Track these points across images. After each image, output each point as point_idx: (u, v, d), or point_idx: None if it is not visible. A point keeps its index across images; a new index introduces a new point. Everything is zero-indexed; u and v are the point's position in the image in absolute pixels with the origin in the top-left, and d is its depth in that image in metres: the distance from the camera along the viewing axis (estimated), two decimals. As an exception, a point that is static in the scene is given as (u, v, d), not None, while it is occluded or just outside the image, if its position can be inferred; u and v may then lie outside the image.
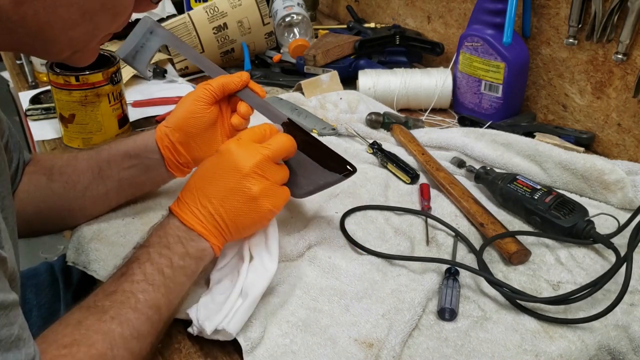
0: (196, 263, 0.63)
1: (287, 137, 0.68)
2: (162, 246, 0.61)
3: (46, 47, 0.52)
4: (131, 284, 0.58)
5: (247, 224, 0.65)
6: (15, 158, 0.74)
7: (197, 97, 0.76)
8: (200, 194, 0.64)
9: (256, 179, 0.63)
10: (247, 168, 0.63)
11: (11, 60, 1.43)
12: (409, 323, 0.64)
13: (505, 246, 0.75)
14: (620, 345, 0.65)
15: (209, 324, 0.60)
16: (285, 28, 1.40)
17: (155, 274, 0.59)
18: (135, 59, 0.79)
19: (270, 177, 0.65)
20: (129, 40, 0.79)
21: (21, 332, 0.46)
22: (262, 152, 0.65)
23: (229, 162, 0.64)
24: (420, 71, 1.18)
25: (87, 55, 0.57)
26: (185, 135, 0.76)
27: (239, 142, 0.66)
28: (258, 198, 0.63)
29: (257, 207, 0.64)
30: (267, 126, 0.69)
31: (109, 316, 0.54)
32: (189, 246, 0.62)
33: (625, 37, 0.91)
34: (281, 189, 0.67)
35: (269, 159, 0.65)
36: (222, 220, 0.63)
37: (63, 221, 0.79)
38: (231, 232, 0.64)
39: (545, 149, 0.89)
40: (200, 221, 0.63)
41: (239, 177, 0.63)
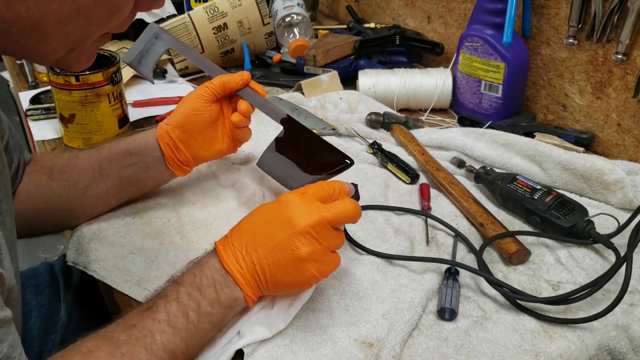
0: (224, 312, 0.60)
1: (353, 204, 0.62)
2: (194, 287, 0.58)
3: (41, 46, 0.52)
4: (152, 322, 0.55)
5: (287, 284, 0.60)
6: (15, 158, 0.75)
7: (198, 95, 0.77)
8: (249, 238, 0.60)
9: (308, 240, 0.59)
10: (302, 226, 0.58)
11: (11, 61, 1.43)
12: (409, 323, 0.64)
13: (505, 246, 0.75)
14: (620, 345, 0.65)
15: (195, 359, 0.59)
16: (285, 28, 1.40)
17: (178, 317, 0.56)
18: (141, 64, 0.81)
19: (324, 241, 0.59)
20: (135, 46, 0.81)
21: (11, 350, 0.45)
22: (323, 214, 0.59)
23: (286, 214, 0.60)
24: (420, 71, 1.18)
25: (83, 56, 0.56)
26: (186, 133, 0.76)
27: (302, 196, 0.61)
28: (305, 261, 0.59)
29: (301, 270, 0.59)
30: (338, 184, 0.64)
31: (120, 352, 0.52)
32: (221, 293, 0.59)
33: (625, 37, 0.91)
34: (332, 257, 0.61)
35: (327, 222, 0.59)
36: (262, 272, 0.59)
37: (63, 221, 0.79)
38: (269, 287, 0.60)
39: (545, 149, 0.89)
40: (240, 268, 0.59)
41: (291, 233, 0.59)
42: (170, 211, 0.83)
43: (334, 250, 0.62)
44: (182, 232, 0.79)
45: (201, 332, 0.58)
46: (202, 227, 0.80)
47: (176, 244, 0.77)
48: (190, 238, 0.78)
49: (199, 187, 0.88)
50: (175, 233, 0.79)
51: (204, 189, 0.88)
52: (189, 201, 0.85)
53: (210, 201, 0.85)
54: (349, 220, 0.62)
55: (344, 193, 0.64)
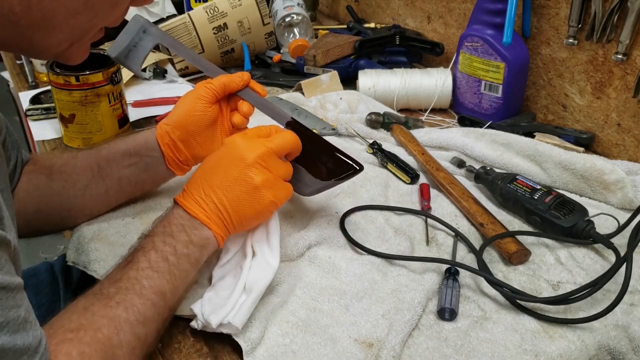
0: (200, 251, 0.63)
1: (292, 134, 0.70)
2: (166, 235, 0.62)
3: (46, 39, 0.52)
4: (136, 271, 0.58)
5: (250, 215, 0.65)
6: (13, 157, 0.74)
7: (198, 95, 0.76)
8: (205, 184, 0.65)
9: (259, 169, 0.65)
10: (251, 159, 0.65)
11: (11, 60, 1.44)
12: (409, 323, 0.64)
13: (505, 246, 0.75)
14: (620, 345, 0.65)
15: (214, 317, 0.61)
16: (285, 28, 1.40)
17: (159, 261, 0.60)
18: (128, 58, 0.78)
19: (273, 170, 0.66)
20: (120, 39, 0.78)
21: (27, 314, 0.47)
22: (267, 145, 0.66)
23: (234, 153, 0.66)
24: (420, 71, 1.18)
25: (81, 50, 0.57)
26: (186, 133, 0.76)
27: (244, 135, 0.68)
28: (260, 188, 0.65)
29: (259, 198, 0.65)
30: (273, 126, 0.72)
31: (115, 302, 0.55)
32: (192, 234, 0.63)
33: (625, 37, 0.91)
34: (284, 184, 0.68)
35: (272, 152, 0.66)
36: (225, 209, 0.64)
37: (63, 221, 0.79)
38: (234, 222, 0.65)
39: (545, 149, 0.89)
40: (203, 210, 0.64)
41: (242, 167, 0.65)
42: (170, 211, 0.83)
43: (285, 180, 0.68)
44: (182, 232, 0.79)
45: (183, 272, 0.62)
46: (202, 227, 0.80)
47: (176, 244, 0.77)
48: (190, 238, 0.78)
49: (199, 187, 0.88)
50: (175, 233, 0.79)
51: (204, 189, 0.88)
52: (189, 201, 0.85)
53: (210, 201, 0.85)
54: (290, 148, 0.69)
55: (280, 131, 0.71)
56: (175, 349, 0.63)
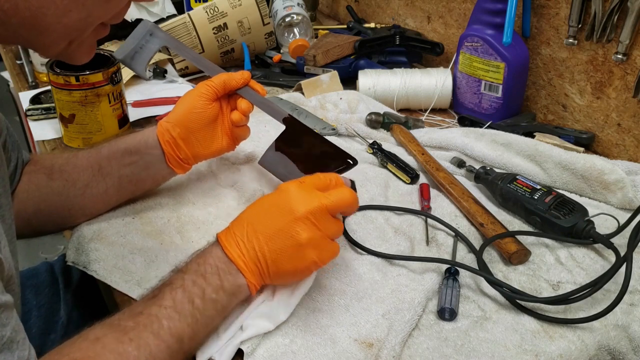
0: (229, 299, 0.61)
1: (350, 193, 0.64)
2: (198, 275, 0.60)
3: (41, 38, 0.52)
4: (158, 309, 0.56)
5: (288, 270, 0.61)
6: (13, 157, 0.75)
7: (199, 93, 0.77)
8: (250, 227, 0.62)
9: (308, 225, 0.60)
10: (301, 212, 0.60)
11: (11, 60, 1.43)
12: (408, 323, 0.64)
13: (505, 246, 0.75)
14: (620, 345, 0.65)
15: (200, 354, 0.60)
16: (285, 28, 1.40)
17: (185, 303, 0.57)
18: (134, 60, 0.80)
19: (322, 228, 0.61)
20: (127, 42, 0.80)
21: (14, 334, 0.46)
22: (321, 201, 0.61)
23: (285, 202, 0.61)
24: (420, 71, 1.18)
25: (83, 47, 0.56)
26: (186, 130, 0.77)
27: (300, 185, 0.63)
28: (305, 246, 0.60)
29: (302, 255, 0.60)
30: (334, 176, 0.66)
31: (128, 338, 0.53)
32: (225, 280, 0.60)
33: (625, 37, 0.91)
34: (331, 244, 0.63)
35: (326, 209, 0.61)
36: (264, 259, 0.61)
37: (63, 220, 0.79)
38: (270, 274, 0.61)
39: (545, 149, 0.89)
40: (242, 255, 0.61)
41: (290, 219, 0.60)
42: (170, 211, 0.83)
43: (333, 239, 0.63)
44: (182, 232, 0.79)
45: (206, 318, 0.59)
46: (202, 227, 0.80)
47: (176, 244, 0.77)
48: (190, 238, 0.78)
49: (199, 187, 0.88)
50: (175, 233, 0.79)
51: (204, 189, 0.88)
52: (189, 201, 0.85)
53: (210, 201, 0.85)
54: (346, 208, 0.63)
55: (340, 184, 0.66)
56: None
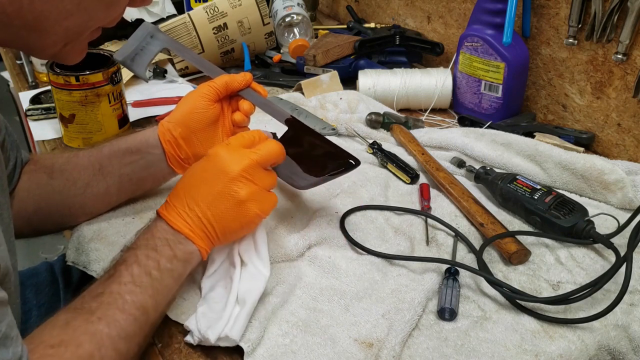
0: (183, 266, 0.63)
1: (276, 144, 0.68)
2: (150, 248, 0.61)
3: (41, 40, 0.52)
4: (118, 286, 0.58)
5: (235, 228, 0.64)
6: (12, 157, 0.75)
7: (201, 93, 0.78)
8: (188, 197, 0.64)
9: (244, 182, 0.63)
10: (235, 172, 0.63)
11: (11, 60, 1.43)
12: (409, 323, 0.64)
13: (505, 246, 0.75)
14: (620, 345, 0.65)
15: (212, 332, 0.60)
16: (285, 28, 1.40)
17: (142, 276, 0.59)
18: (134, 62, 0.80)
19: (258, 181, 0.64)
20: (128, 44, 0.80)
21: (9, 330, 0.46)
22: (251, 157, 0.64)
23: (217, 166, 0.64)
24: (420, 71, 1.18)
25: (77, 49, 0.57)
26: (188, 130, 0.77)
27: (227, 146, 0.66)
28: (245, 202, 0.63)
29: (244, 211, 0.64)
30: (257, 132, 0.69)
31: (96, 317, 0.54)
32: (176, 249, 0.62)
33: (625, 37, 0.91)
34: (269, 195, 0.66)
35: (257, 164, 0.65)
36: (209, 223, 0.63)
37: (63, 220, 0.79)
38: (219, 235, 0.64)
39: (545, 149, 0.89)
40: (187, 224, 0.63)
41: (226, 181, 0.63)
42: (170, 211, 0.83)
43: (269, 190, 0.66)
44: (182, 232, 0.79)
45: (165, 288, 0.61)
46: (202, 227, 0.80)
47: (176, 244, 0.77)
48: (190, 238, 0.78)
49: (199, 187, 0.88)
50: (175, 233, 0.79)
51: (204, 189, 0.88)
52: (189, 201, 0.85)
53: (210, 201, 0.85)
54: (275, 159, 0.67)
55: (264, 138, 0.69)
56: (175, 349, 0.63)
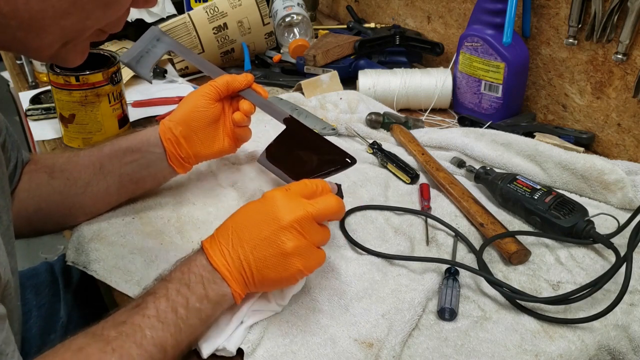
0: (213, 308, 0.60)
1: (337, 200, 0.63)
2: (182, 284, 0.59)
3: (38, 40, 0.52)
4: (142, 318, 0.56)
5: (274, 279, 0.60)
6: (13, 157, 0.75)
7: (203, 93, 0.78)
8: (235, 236, 0.61)
9: (293, 234, 0.59)
10: (287, 221, 0.59)
11: (11, 60, 1.44)
12: (408, 323, 0.64)
13: (505, 246, 0.75)
14: (620, 345, 0.65)
15: (206, 347, 0.60)
16: (285, 28, 1.40)
17: (168, 312, 0.57)
18: (139, 64, 0.82)
19: (308, 236, 0.60)
20: (135, 47, 0.82)
21: (4, 346, 0.45)
22: (307, 209, 0.60)
23: (270, 211, 0.61)
24: (420, 71, 1.18)
25: (77, 50, 0.56)
26: (189, 129, 0.78)
27: (286, 192, 0.62)
28: (290, 255, 0.59)
29: (287, 264, 0.60)
30: (321, 183, 0.65)
31: (111, 348, 0.53)
32: (209, 288, 0.59)
33: (625, 37, 0.91)
34: (317, 252, 0.62)
35: (312, 218, 0.60)
36: (249, 267, 0.60)
37: (63, 219, 0.79)
38: (255, 283, 0.60)
39: (545, 149, 0.89)
40: (227, 264, 0.60)
41: (275, 228, 0.59)
42: (170, 211, 0.83)
43: (319, 246, 0.62)
44: (182, 232, 0.79)
45: (190, 327, 0.58)
46: (202, 227, 0.80)
47: (176, 244, 0.77)
48: (190, 238, 0.78)
49: (199, 187, 0.88)
50: (175, 233, 0.79)
51: (204, 189, 0.88)
52: (189, 201, 0.85)
53: (210, 201, 0.85)
54: (332, 215, 0.63)
55: (327, 191, 0.65)
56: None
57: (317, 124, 1.05)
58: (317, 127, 1.04)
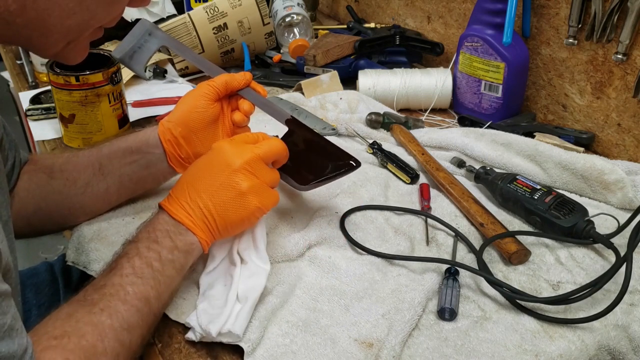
0: (185, 257, 0.63)
1: (279, 142, 0.69)
2: (151, 240, 0.62)
3: (43, 38, 0.53)
4: (120, 278, 0.58)
5: (235, 220, 0.65)
6: (11, 156, 0.75)
7: (201, 93, 0.78)
8: (190, 188, 0.65)
9: (246, 175, 0.64)
10: (238, 164, 0.64)
11: (11, 60, 1.43)
12: (409, 323, 0.64)
13: (505, 246, 0.75)
14: (620, 345, 0.65)
15: (213, 326, 0.60)
16: (285, 28, 1.40)
17: (144, 267, 0.60)
18: (133, 60, 0.80)
19: (260, 176, 0.66)
20: (125, 42, 0.80)
21: (14, 322, 0.47)
22: (254, 151, 0.66)
23: (220, 158, 0.65)
24: (420, 71, 1.18)
25: (78, 49, 0.58)
26: (188, 130, 0.77)
27: (231, 141, 0.67)
28: (247, 194, 0.64)
29: (245, 203, 0.64)
30: (261, 133, 0.71)
31: (99, 308, 0.55)
32: (177, 240, 0.63)
33: (625, 37, 0.91)
34: (271, 190, 0.67)
35: (260, 158, 0.66)
36: (210, 214, 0.64)
37: (63, 219, 0.79)
38: (219, 227, 0.64)
39: (545, 149, 0.89)
40: (188, 215, 0.64)
41: (228, 172, 0.64)
42: (170, 211, 0.83)
43: (271, 187, 0.67)
44: (182, 232, 0.79)
45: (167, 278, 0.61)
46: (202, 227, 0.80)
47: (176, 243, 0.77)
48: (190, 238, 0.78)
49: (199, 187, 0.88)
50: (175, 233, 0.79)
51: (204, 189, 0.88)
52: (189, 201, 0.85)
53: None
54: (277, 156, 0.69)
55: (267, 138, 0.70)
56: (175, 349, 0.63)
57: (317, 124, 1.05)
58: (317, 127, 1.04)
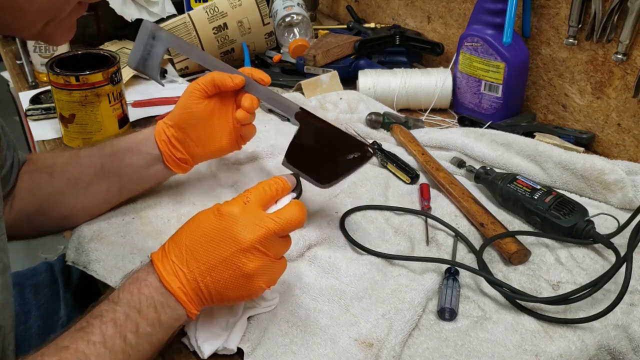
0: (166, 331, 0.56)
1: (299, 208, 0.58)
2: (131, 307, 0.54)
3: (18, 19, 0.51)
4: (87, 344, 0.51)
5: (234, 298, 0.58)
6: (9, 156, 0.74)
7: (188, 92, 0.77)
8: (189, 255, 0.56)
9: (255, 255, 0.56)
10: (247, 242, 0.56)
11: (11, 60, 1.43)
12: (409, 323, 0.64)
13: (505, 246, 0.75)
14: (620, 345, 0.65)
15: (207, 347, 0.60)
16: (285, 28, 1.40)
17: (115, 339, 0.52)
18: (146, 67, 0.81)
19: (271, 251, 0.57)
20: (135, 50, 0.80)
21: None
22: (269, 226, 0.56)
23: (229, 229, 0.56)
24: (420, 71, 1.18)
25: (62, 27, 0.55)
26: (180, 131, 0.77)
27: (245, 207, 0.57)
28: (252, 276, 0.56)
29: (248, 285, 0.57)
30: (281, 183, 0.61)
31: None
32: (162, 312, 0.55)
33: (625, 37, 0.91)
34: (279, 264, 0.59)
35: (274, 234, 0.57)
36: (206, 289, 0.56)
37: (64, 220, 0.79)
38: (214, 301, 0.57)
39: (545, 149, 0.89)
40: (182, 286, 0.56)
41: (235, 250, 0.56)
42: (170, 211, 0.83)
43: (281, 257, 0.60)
44: (182, 232, 0.79)
45: (139, 353, 0.54)
46: (202, 227, 0.80)
47: (176, 244, 0.77)
48: (190, 238, 0.78)
49: (199, 187, 0.88)
50: (175, 233, 0.79)
51: (204, 189, 0.88)
52: (189, 201, 0.85)
53: (210, 201, 0.85)
54: (295, 227, 0.58)
55: (287, 189, 0.62)
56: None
57: (317, 124, 1.04)
58: (317, 127, 1.04)
